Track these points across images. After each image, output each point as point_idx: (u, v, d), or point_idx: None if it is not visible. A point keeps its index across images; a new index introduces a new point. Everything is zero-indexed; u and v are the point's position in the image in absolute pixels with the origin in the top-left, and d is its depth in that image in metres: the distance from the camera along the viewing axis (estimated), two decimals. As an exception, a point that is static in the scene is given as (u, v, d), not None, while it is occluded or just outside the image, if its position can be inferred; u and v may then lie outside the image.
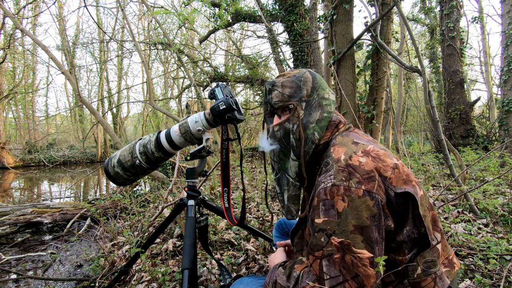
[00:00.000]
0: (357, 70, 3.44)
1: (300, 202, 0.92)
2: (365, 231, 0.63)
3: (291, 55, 7.27)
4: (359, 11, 33.94)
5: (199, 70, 9.41)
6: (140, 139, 1.12)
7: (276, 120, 0.88)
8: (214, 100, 1.04)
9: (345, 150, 0.73)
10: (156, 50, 9.52)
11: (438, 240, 0.74)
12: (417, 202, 0.68)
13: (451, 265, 0.76)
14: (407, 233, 0.69)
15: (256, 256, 1.80)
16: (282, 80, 0.85)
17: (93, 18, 3.43)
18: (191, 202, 1.15)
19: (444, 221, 2.00)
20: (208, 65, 9.58)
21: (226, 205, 1.19)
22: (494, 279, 1.33)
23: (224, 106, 0.99)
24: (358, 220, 0.63)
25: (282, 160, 0.88)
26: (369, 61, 3.67)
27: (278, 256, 0.93)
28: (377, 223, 0.64)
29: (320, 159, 0.81)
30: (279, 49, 7.25)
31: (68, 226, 3.33)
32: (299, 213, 0.91)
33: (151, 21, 9.65)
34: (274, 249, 1.23)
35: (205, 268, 1.69)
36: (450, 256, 0.78)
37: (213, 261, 1.73)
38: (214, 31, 9.19)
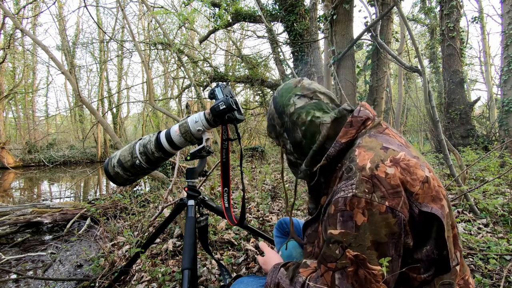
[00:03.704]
0: (357, 70, 3.44)
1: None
2: (382, 247, 0.60)
3: (291, 55, 7.27)
4: (359, 11, 33.91)
5: (199, 70, 9.41)
6: (140, 139, 1.12)
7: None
8: (214, 100, 1.04)
9: (372, 157, 0.66)
10: (156, 50, 9.52)
11: (458, 261, 0.69)
12: (443, 225, 0.63)
13: (466, 286, 0.71)
14: (426, 252, 0.65)
15: (256, 256, 1.80)
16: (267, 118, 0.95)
17: (93, 18, 3.43)
18: (191, 202, 1.15)
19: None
20: (208, 65, 9.58)
21: (226, 205, 1.19)
22: (494, 279, 1.33)
23: (224, 106, 0.99)
24: (376, 236, 0.60)
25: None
26: (369, 61, 3.67)
27: (273, 257, 0.92)
28: (395, 241, 0.61)
29: (343, 157, 0.74)
30: (279, 49, 7.25)
31: (68, 226, 3.33)
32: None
33: (151, 21, 9.65)
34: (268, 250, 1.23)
35: (205, 268, 1.69)
36: (466, 276, 0.73)
37: (213, 261, 1.73)
38: (214, 31, 9.19)
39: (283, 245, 1.18)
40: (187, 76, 8.67)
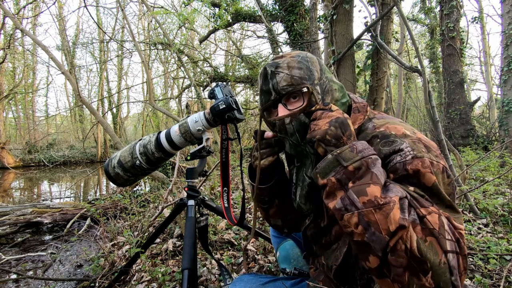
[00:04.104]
0: (357, 70, 3.44)
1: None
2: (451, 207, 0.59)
3: (291, 55, 7.25)
4: (359, 11, 33.93)
5: (199, 70, 9.41)
6: (140, 139, 1.12)
7: (282, 110, 0.72)
8: (214, 100, 1.04)
9: (404, 127, 0.66)
10: (156, 50, 9.52)
11: None
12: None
13: None
14: None
15: (256, 256, 1.80)
16: (287, 60, 0.72)
17: (93, 18, 3.43)
18: (191, 202, 1.15)
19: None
20: (208, 65, 9.58)
21: (226, 205, 1.19)
22: (494, 279, 1.33)
23: (224, 106, 0.99)
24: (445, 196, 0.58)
25: (298, 154, 0.79)
26: (369, 61, 3.67)
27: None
28: (453, 200, 0.59)
29: None
30: (279, 49, 7.25)
31: (68, 226, 3.33)
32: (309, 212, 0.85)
33: (151, 21, 9.65)
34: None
35: (205, 268, 1.69)
36: None
37: (213, 261, 1.73)
38: (214, 31, 9.19)
39: (281, 245, 1.18)
40: (187, 76, 8.67)
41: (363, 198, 0.52)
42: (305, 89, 0.70)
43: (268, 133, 0.80)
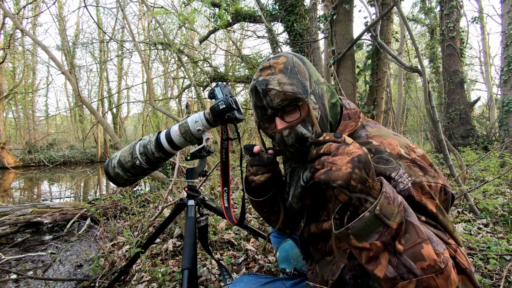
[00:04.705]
0: (357, 70, 3.44)
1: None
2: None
3: (291, 55, 7.25)
4: (359, 11, 33.94)
5: (199, 70, 9.41)
6: (140, 139, 1.12)
7: (280, 123, 0.72)
8: (214, 100, 1.04)
9: (398, 143, 0.64)
10: (156, 50, 9.52)
11: None
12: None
13: None
14: None
15: (256, 256, 1.80)
16: (277, 76, 0.69)
17: (93, 18, 3.43)
18: (191, 202, 1.15)
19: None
20: (208, 65, 9.58)
21: (226, 205, 1.19)
22: (494, 279, 1.33)
23: (224, 106, 0.99)
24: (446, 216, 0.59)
25: (300, 160, 0.77)
26: (369, 61, 3.67)
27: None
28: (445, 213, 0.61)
29: None
30: (279, 49, 7.25)
31: (68, 226, 3.33)
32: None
33: (151, 21, 9.65)
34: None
35: (205, 268, 1.69)
36: None
37: (213, 261, 1.73)
38: (214, 31, 9.18)
39: (280, 245, 1.18)
40: (187, 76, 8.67)
41: (422, 264, 0.48)
42: (300, 103, 0.69)
43: (256, 147, 0.78)
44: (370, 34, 3.20)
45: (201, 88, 9.10)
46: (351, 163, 0.50)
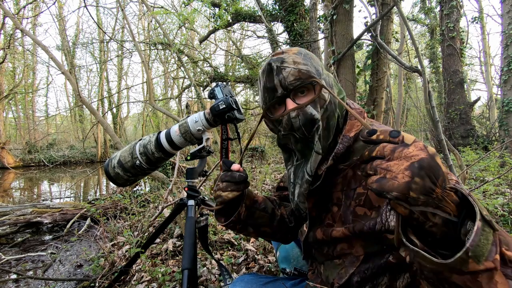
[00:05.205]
0: (357, 70, 3.44)
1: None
2: None
3: (291, 55, 7.25)
4: (359, 11, 33.98)
5: (199, 70, 9.41)
6: (140, 139, 1.12)
7: (291, 104, 0.69)
8: (214, 100, 1.04)
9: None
10: (156, 50, 9.52)
11: None
12: None
13: None
14: None
15: (256, 256, 1.80)
16: (292, 56, 0.69)
17: (93, 18, 3.43)
18: (191, 202, 1.14)
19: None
20: (208, 65, 9.58)
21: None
22: (494, 279, 1.33)
23: (224, 106, 0.99)
24: None
25: (304, 149, 0.74)
26: (369, 61, 3.67)
27: None
28: None
29: (348, 157, 0.69)
30: (279, 49, 7.25)
31: (68, 226, 3.33)
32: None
33: (151, 21, 9.66)
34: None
35: (205, 268, 1.69)
36: None
37: (213, 261, 1.73)
38: (214, 31, 9.19)
39: (280, 245, 1.18)
40: (187, 76, 8.68)
41: None
42: (314, 82, 0.67)
43: (235, 165, 0.77)
44: (370, 34, 3.20)
45: (201, 88, 9.10)
46: (410, 170, 0.40)
